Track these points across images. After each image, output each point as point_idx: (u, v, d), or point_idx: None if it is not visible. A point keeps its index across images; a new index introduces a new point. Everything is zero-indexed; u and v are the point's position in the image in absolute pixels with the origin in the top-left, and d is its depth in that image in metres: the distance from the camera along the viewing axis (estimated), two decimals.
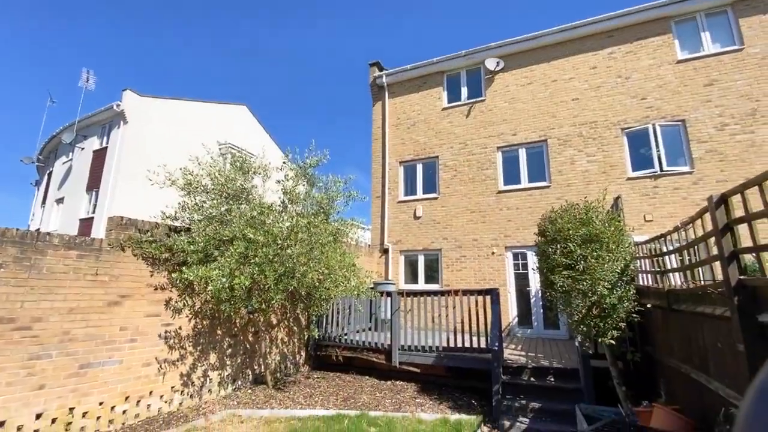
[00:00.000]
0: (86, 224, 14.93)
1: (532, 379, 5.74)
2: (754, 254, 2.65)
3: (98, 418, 4.53)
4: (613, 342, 4.61)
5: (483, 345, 6.06)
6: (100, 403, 4.56)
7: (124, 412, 4.78)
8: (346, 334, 7.48)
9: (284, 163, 6.57)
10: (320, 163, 6.47)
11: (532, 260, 9.13)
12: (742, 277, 2.67)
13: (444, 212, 10.79)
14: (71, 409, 4.31)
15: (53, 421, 4.16)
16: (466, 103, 11.22)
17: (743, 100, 8.37)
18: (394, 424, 4.82)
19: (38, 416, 4.06)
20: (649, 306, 4.81)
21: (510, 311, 9.37)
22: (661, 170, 8.73)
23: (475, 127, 10.91)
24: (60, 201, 17.15)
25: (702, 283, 3.68)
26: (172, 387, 5.35)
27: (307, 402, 5.75)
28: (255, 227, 5.43)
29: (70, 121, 16.61)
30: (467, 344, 6.22)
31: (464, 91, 11.43)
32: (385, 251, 11.22)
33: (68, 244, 4.48)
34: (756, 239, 2.54)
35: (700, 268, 3.89)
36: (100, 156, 15.57)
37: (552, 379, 5.63)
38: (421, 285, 10.67)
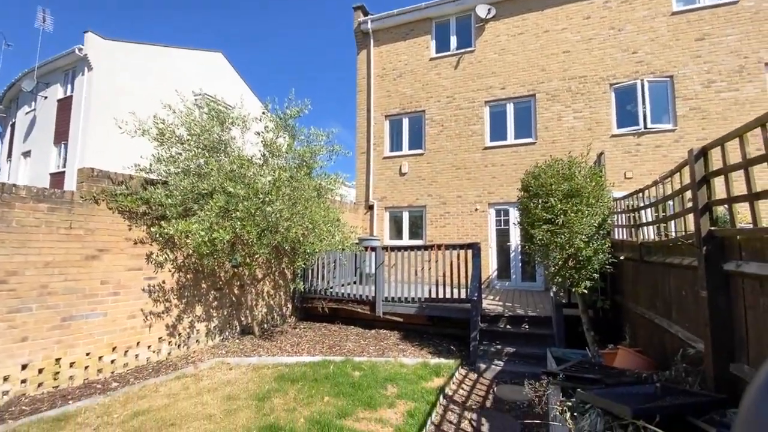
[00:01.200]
0: (57, 179, 14.29)
1: (508, 326, 6.06)
2: (726, 206, 2.73)
3: (86, 367, 4.61)
4: (585, 291, 4.85)
5: (463, 296, 6.30)
6: (87, 354, 4.62)
7: (112, 361, 4.87)
8: (331, 287, 7.64)
9: (264, 113, 6.27)
10: (301, 114, 6.21)
11: (514, 216, 9.32)
12: (712, 228, 2.76)
13: (430, 169, 10.72)
14: (57, 359, 4.36)
15: (40, 371, 4.22)
16: (454, 53, 10.76)
17: (732, 56, 8.28)
18: (378, 368, 5.09)
19: (24, 367, 4.10)
20: (622, 258, 5.02)
21: (490, 265, 9.69)
22: (645, 128, 8.77)
23: (463, 79, 10.57)
24: (27, 154, 16.23)
25: (674, 235, 3.82)
26: (159, 338, 5.44)
27: (294, 350, 5.96)
28: (235, 180, 5.28)
29: (30, 67, 15.29)
30: (448, 295, 6.45)
31: (453, 40, 10.91)
32: (370, 208, 11.23)
33: (37, 197, 4.28)
34: (730, 191, 2.61)
35: (672, 222, 4.03)
36: (65, 105, 14.56)
37: (526, 326, 5.96)
38: (406, 241, 10.84)
